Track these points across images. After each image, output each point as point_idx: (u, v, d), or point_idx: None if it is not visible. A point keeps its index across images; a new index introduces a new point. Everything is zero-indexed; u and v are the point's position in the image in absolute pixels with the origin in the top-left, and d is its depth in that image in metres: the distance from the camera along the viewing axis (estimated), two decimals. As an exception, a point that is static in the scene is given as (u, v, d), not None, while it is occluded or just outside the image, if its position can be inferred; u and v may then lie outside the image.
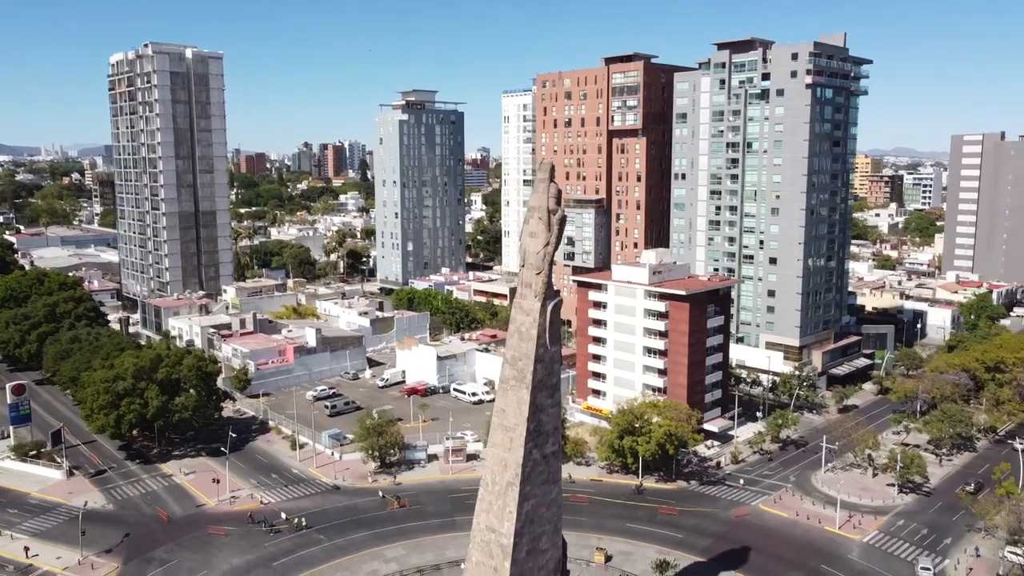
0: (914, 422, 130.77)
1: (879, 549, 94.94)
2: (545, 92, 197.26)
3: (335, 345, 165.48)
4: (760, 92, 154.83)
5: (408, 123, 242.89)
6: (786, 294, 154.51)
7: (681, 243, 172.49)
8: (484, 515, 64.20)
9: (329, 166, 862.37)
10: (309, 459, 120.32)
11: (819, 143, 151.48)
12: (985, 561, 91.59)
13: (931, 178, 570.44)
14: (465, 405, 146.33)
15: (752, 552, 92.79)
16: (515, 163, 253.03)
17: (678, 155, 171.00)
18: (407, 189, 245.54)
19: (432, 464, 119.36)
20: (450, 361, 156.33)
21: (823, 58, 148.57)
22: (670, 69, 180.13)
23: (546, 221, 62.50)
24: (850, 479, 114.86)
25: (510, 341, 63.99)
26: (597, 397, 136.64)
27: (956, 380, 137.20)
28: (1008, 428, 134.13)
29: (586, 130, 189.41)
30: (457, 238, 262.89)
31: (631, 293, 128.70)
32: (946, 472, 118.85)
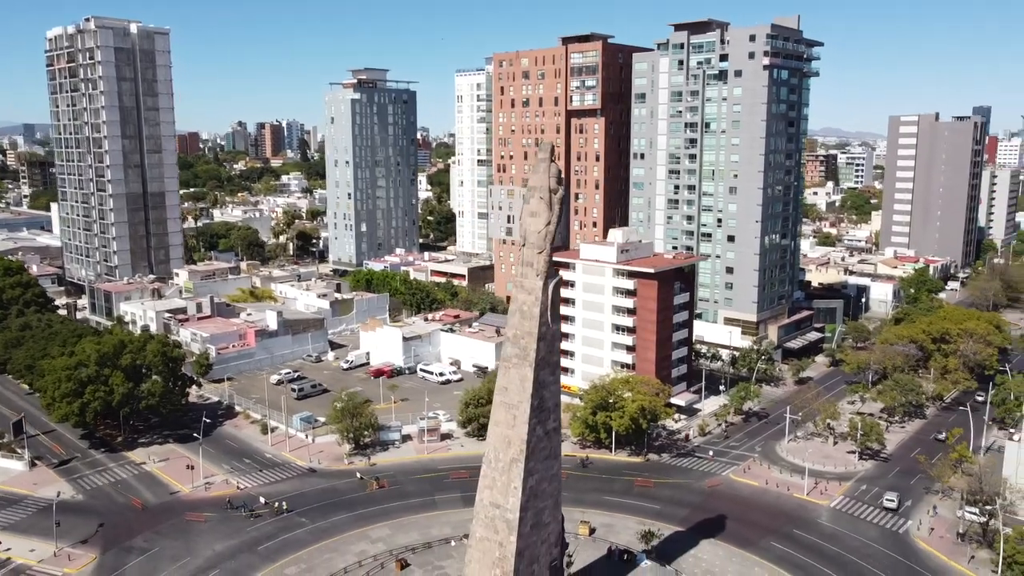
0: (868, 392, 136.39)
1: (846, 513, 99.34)
2: (502, 71, 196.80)
3: (296, 328, 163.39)
4: (718, 73, 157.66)
5: (360, 102, 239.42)
6: (744, 271, 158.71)
7: (640, 222, 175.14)
8: (488, 491, 65.14)
9: (267, 146, 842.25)
10: (281, 443, 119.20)
11: (775, 123, 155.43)
12: (944, 520, 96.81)
13: (863, 158, 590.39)
14: (433, 385, 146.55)
15: (728, 520, 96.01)
16: (469, 143, 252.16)
17: (637, 135, 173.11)
18: (360, 169, 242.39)
19: (407, 445, 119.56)
20: (415, 342, 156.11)
21: (779, 40, 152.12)
22: (628, 49, 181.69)
23: (547, 201, 63.24)
24: (813, 448, 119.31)
25: (511, 320, 64.71)
26: (565, 374, 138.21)
27: (905, 351, 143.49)
28: (953, 395, 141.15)
29: (544, 110, 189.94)
30: (410, 219, 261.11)
31: (599, 272, 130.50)
32: (900, 439, 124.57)
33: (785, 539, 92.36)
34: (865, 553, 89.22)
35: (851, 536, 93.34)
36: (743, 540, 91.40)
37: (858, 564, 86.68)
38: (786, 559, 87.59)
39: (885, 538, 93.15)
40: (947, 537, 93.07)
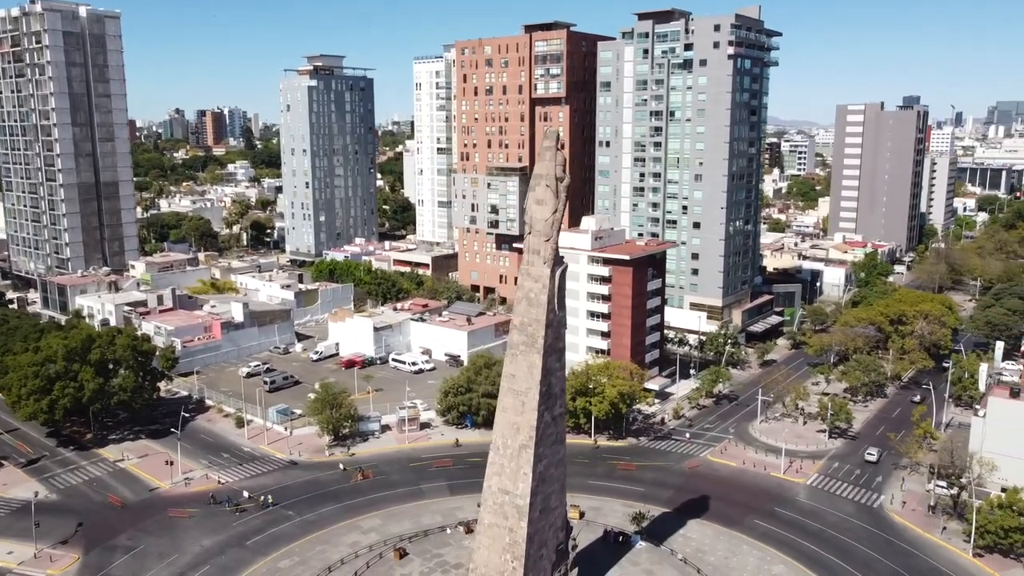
0: (833, 373, 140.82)
1: (823, 490, 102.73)
2: (465, 59, 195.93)
3: (263, 319, 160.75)
4: (683, 62, 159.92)
5: (317, 89, 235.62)
6: (709, 257, 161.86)
7: (606, 209, 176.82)
8: (496, 478, 65.64)
9: (208, 134, 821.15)
10: (258, 436, 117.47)
11: (739, 112, 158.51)
12: (915, 494, 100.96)
13: (805, 146, 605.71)
14: (406, 375, 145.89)
15: (711, 500, 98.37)
16: (428, 131, 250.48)
17: (602, 123, 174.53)
18: (318, 158, 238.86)
19: (386, 435, 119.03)
20: (386, 332, 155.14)
21: (743, 30, 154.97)
22: (592, 38, 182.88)
23: (554, 189, 63.67)
24: (784, 428, 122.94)
25: (518, 307, 65.16)
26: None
27: (866, 333, 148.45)
28: (910, 375, 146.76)
29: (508, 98, 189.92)
30: (369, 208, 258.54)
31: (574, 259, 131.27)
32: (865, 417, 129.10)
33: (768, 517, 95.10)
34: (844, 528, 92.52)
35: (830, 512, 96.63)
36: (728, 519, 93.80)
37: (839, 539, 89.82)
38: (771, 536, 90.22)
39: (861, 513, 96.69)
40: (919, 510, 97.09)
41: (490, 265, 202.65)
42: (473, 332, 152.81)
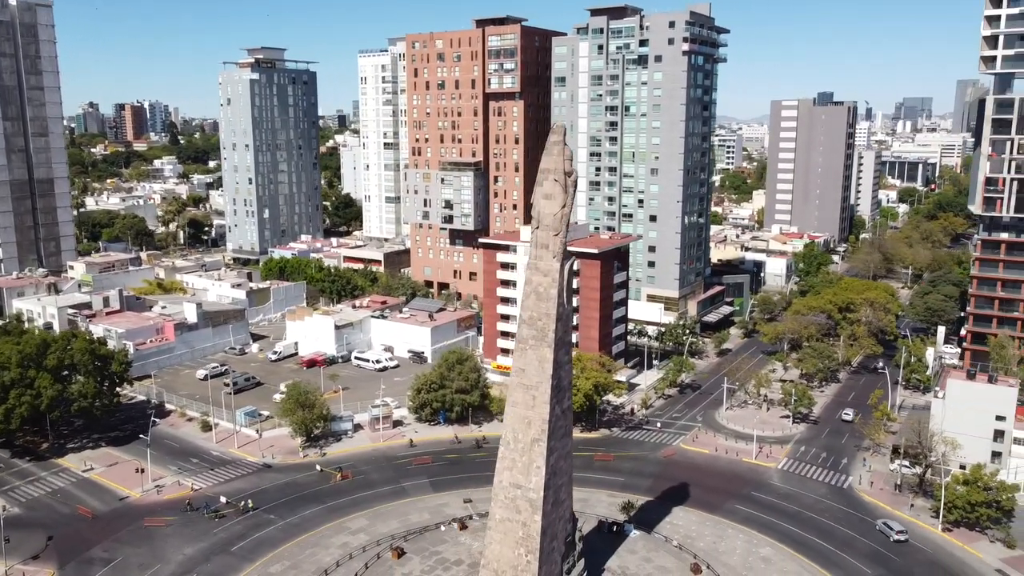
0: (789, 360, 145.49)
1: (794, 474, 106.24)
2: (416, 53, 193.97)
3: (217, 320, 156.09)
4: (637, 58, 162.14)
5: (259, 83, 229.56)
6: (666, 249, 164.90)
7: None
8: (507, 473, 65.63)
9: (128, 128, 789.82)
10: (227, 439, 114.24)
11: (693, 107, 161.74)
12: (880, 474, 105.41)
13: (733, 140, 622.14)
14: (370, 373, 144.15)
15: (691, 487, 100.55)
16: (375, 125, 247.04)
17: (557, 118, 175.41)
18: (261, 153, 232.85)
19: (359, 434, 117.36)
20: (347, 330, 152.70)
21: (696, 26, 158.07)
22: (545, 33, 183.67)
23: (562, 183, 63.93)
24: (749, 415, 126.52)
25: (526, 302, 65.23)
26: (507, 356, 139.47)
27: (817, 321, 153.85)
28: (858, 360, 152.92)
29: (460, 92, 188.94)
30: (314, 204, 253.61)
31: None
32: (822, 402, 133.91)
33: (746, 501, 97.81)
34: (820, 508, 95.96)
35: (803, 494, 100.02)
36: (709, 505, 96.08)
37: (817, 519, 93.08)
38: (752, 520, 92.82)
39: (833, 493, 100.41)
40: (886, 489, 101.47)
41: (444, 260, 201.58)
42: (436, 328, 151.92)
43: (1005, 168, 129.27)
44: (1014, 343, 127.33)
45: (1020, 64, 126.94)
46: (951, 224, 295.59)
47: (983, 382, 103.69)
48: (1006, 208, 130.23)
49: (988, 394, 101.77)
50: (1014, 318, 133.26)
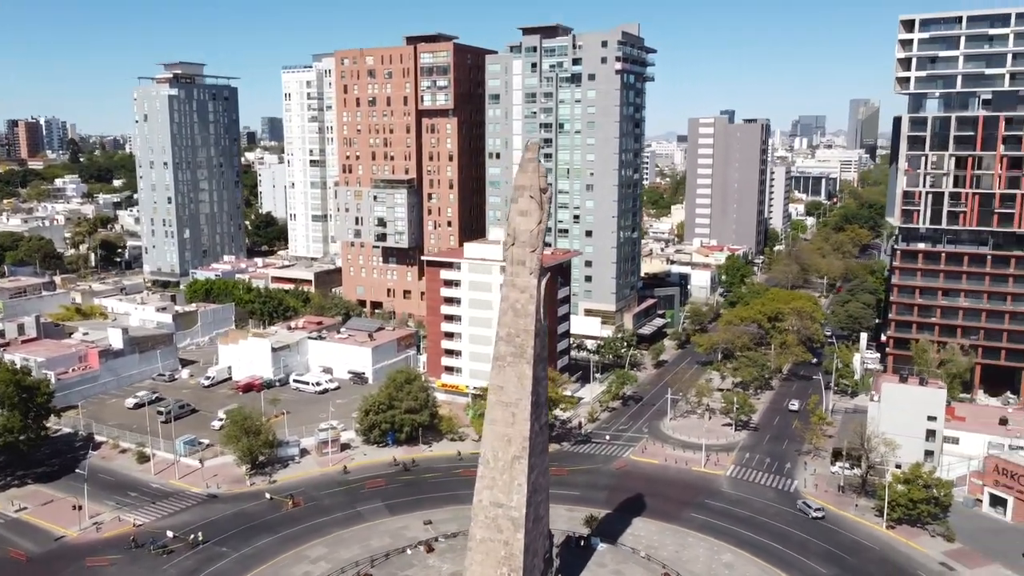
0: (726, 369, 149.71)
1: (743, 480, 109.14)
2: (345, 69, 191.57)
3: (144, 345, 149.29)
4: (571, 76, 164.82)
5: (178, 99, 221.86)
6: (602, 264, 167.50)
7: (497, 220, 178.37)
8: (487, 492, 65.16)
9: (22, 146, 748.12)
10: (166, 470, 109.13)
11: (626, 124, 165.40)
12: (822, 477, 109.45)
13: (647, 157, 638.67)
14: (310, 396, 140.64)
15: (646, 497, 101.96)
16: (300, 142, 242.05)
17: (492, 135, 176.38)
18: (181, 171, 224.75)
19: (306, 459, 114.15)
20: (284, 352, 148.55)
21: (627, 46, 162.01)
22: (477, 51, 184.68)
23: (538, 200, 64.32)
24: (692, 424, 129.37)
25: (503, 319, 65.18)
26: (452, 374, 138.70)
27: (749, 331, 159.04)
28: (788, 367, 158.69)
29: (392, 109, 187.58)
30: (236, 223, 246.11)
31: (487, 270, 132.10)
32: (760, 409, 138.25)
33: (701, 509, 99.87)
34: (772, 513, 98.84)
35: (754, 499, 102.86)
36: (667, 514, 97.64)
37: (770, 523, 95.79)
38: (709, 527, 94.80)
39: (782, 497, 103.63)
40: (830, 491, 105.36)
41: (377, 279, 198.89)
42: (377, 348, 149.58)
43: (920, 182, 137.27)
44: (933, 347, 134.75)
45: (931, 85, 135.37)
46: (858, 236, 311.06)
47: (915, 385, 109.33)
48: (922, 220, 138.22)
49: (920, 396, 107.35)
50: (932, 323, 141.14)
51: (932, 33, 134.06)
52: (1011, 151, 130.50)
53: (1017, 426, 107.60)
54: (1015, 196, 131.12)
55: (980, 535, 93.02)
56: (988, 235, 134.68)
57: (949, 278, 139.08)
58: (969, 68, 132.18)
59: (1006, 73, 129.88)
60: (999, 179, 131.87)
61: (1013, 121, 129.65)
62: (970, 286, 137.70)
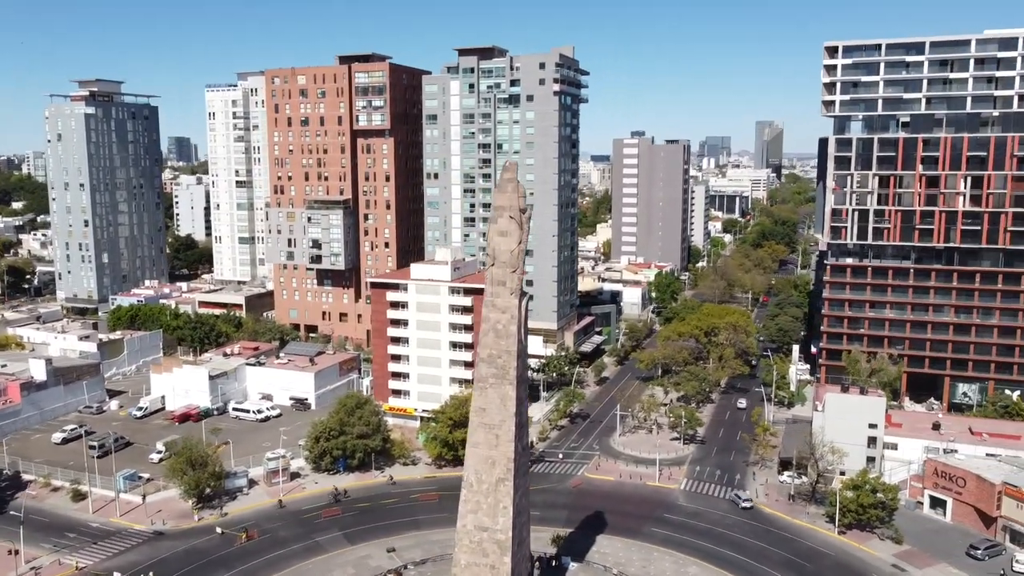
0: (668, 384, 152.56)
1: (696, 493, 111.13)
2: (276, 88, 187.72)
3: (68, 376, 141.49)
4: (509, 97, 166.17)
5: (96, 117, 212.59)
6: (544, 283, 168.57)
7: (436, 240, 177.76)
8: (471, 516, 64.41)
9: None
10: (106, 508, 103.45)
11: (564, 145, 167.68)
12: (772, 487, 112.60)
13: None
14: (251, 424, 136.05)
15: (606, 515, 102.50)
16: (225, 163, 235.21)
17: (430, 155, 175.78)
18: (99, 193, 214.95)
19: (255, 490, 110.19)
20: (221, 380, 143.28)
21: (565, 68, 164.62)
22: (412, 71, 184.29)
23: (518, 220, 64.44)
24: (641, 439, 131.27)
25: (485, 339, 64.79)
26: (399, 397, 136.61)
27: (687, 346, 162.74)
28: (725, 380, 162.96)
29: (326, 129, 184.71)
30: (158, 246, 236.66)
31: (435, 290, 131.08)
32: (704, 422, 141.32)
33: (660, 523, 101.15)
34: (728, 524, 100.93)
35: (709, 511, 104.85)
36: (629, 530, 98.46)
37: (728, 534, 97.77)
38: (671, 540, 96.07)
39: (735, 508, 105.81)
40: (781, 500, 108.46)
41: (311, 302, 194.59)
42: (319, 373, 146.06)
43: (847, 200, 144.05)
44: (864, 357, 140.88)
45: (854, 108, 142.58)
46: (775, 252, 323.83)
47: (856, 394, 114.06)
48: (850, 236, 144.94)
49: (861, 405, 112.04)
50: (861, 335, 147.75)
51: (854, 59, 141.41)
52: (929, 171, 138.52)
53: (949, 431, 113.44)
54: (933, 213, 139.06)
55: (924, 536, 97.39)
56: (910, 250, 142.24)
57: (875, 291, 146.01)
58: (888, 93, 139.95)
59: (922, 97, 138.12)
60: (919, 197, 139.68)
61: (930, 143, 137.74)
62: (895, 298, 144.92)
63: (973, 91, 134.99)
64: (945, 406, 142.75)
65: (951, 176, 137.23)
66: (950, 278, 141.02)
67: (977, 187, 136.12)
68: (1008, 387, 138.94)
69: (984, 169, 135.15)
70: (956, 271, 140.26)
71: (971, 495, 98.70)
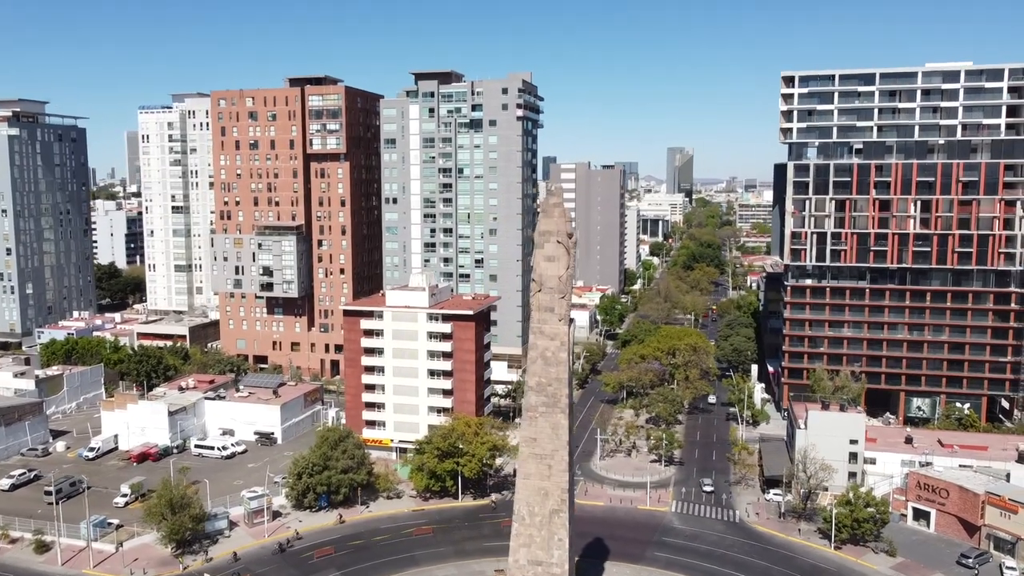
0: (639, 406, 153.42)
1: (689, 515, 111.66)
2: (223, 111, 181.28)
3: (9, 417, 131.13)
4: (470, 122, 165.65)
5: (20, 139, 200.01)
6: (508, 308, 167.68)
7: (395, 266, 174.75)
8: (524, 550, 62.59)
9: None
10: (75, 558, 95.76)
11: (526, 169, 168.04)
12: (761, 505, 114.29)
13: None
14: (215, 462, 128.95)
15: (606, 540, 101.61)
16: (160, 187, 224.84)
17: (388, 180, 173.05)
18: (22, 219, 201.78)
19: (236, 531, 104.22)
20: (180, 415, 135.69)
21: (527, 94, 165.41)
22: (366, 94, 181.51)
23: (565, 245, 63.60)
24: (620, 463, 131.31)
25: (532, 367, 63.46)
26: (374, 428, 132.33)
27: (652, 368, 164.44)
28: (688, 401, 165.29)
29: (277, 153, 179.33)
30: (86, 276, 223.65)
31: (411, 318, 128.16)
32: (682, 443, 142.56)
33: (662, 547, 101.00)
34: (727, 544, 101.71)
35: (706, 533, 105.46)
36: (632, 556, 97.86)
37: (729, 555, 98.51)
38: (676, 564, 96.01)
39: (730, 528, 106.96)
40: (771, 518, 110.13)
41: (261, 331, 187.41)
42: (285, 405, 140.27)
43: (806, 224, 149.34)
44: (827, 375, 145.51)
45: (810, 135, 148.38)
46: (707, 274, 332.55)
47: (836, 411, 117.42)
48: (809, 258, 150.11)
49: (842, 422, 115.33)
50: (821, 353, 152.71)
51: (810, 88, 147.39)
52: (881, 195, 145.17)
53: (921, 444, 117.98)
54: (887, 235, 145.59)
55: (912, 547, 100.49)
56: (866, 270, 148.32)
57: (834, 311, 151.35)
58: (842, 121, 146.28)
59: (874, 125, 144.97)
60: (873, 220, 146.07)
61: (882, 168, 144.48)
62: (852, 317, 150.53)
63: (920, 120, 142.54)
64: (901, 420, 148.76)
65: (902, 200, 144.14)
66: (903, 297, 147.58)
67: (926, 210, 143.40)
68: (958, 400, 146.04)
69: (932, 193, 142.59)
70: (909, 290, 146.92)
71: (954, 506, 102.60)
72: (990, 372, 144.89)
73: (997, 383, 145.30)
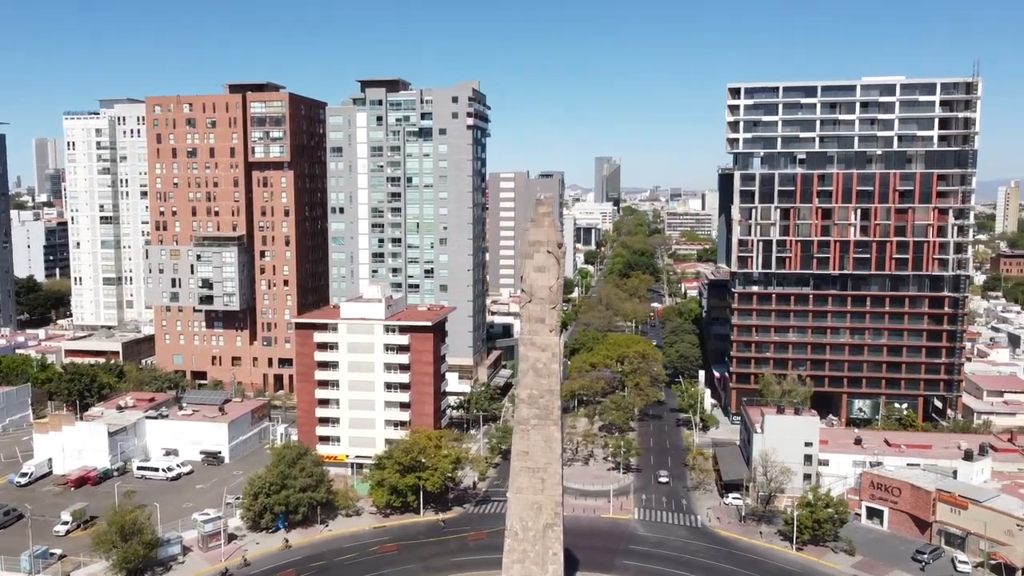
0: (593, 413, 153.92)
1: (652, 521, 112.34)
2: (159, 117, 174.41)
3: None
4: (419, 130, 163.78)
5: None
6: (459, 318, 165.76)
7: (343, 277, 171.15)
8: (518, 566, 61.63)
9: None
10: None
11: (475, 179, 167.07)
12: (721, 509, 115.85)
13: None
14: (161, 484, 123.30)
15: (574, 551, 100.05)
16: (87, 196, 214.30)
17: (335, 189, 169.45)
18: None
19: (190, 557, 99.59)
20: (120, 436, 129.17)
21: (476, 102, 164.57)
22: (310, 102, 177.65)
23: (556, 255, 63.06)
24: (578, 471, 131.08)
25: (524, 379, 62.61)
26: (328, 444, 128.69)
27: (604, 376, 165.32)
28: (638, 408, 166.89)
29: (217, 161, 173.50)
30: (5, 290, 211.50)
31: (368, 330, 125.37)
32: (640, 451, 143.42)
33: (629, 555, 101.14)
34: (693, 550, 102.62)
35: (671, 539, 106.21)
36: (602, 565, 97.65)
37: (696, 560, 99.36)
38: (646, 572, 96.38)
39: (694, 534, 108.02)
40: (732, 522, 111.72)
41: (199, 346, 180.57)
42: (233, 423, 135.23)
43: (752, 232, 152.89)
44: (774, 379, 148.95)
45: (756, 145, 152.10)
46: (643, 281, 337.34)
47: (791, 414, 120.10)
48: (756, 265, 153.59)
49: (796, 425, 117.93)
50: (767, 358, 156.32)
51: (755, 100, 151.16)
52: (823, 204, 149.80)
53: (870, 445, 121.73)
54: (829, 242, 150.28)
55: (869, 545, 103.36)
56: (810, 277, 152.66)
57: (779, 316, 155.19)
58: (786, 132, 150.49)
59: (816, 136, 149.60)
60: (815, 228, 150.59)
61: (824, 178, 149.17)
62: (797, 323, 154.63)
63: (859, 131, 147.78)
64: (843, 421, 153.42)
65: (843, 208, 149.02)
66: (845, 302, 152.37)
67: (866, 219, 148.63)
68: (897, 400, 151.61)
69: (871, 202, 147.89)
70: (850, 296, 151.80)
71: (907, 503, 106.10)
72: (926, 373, 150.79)
73: (932, 384, 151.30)
